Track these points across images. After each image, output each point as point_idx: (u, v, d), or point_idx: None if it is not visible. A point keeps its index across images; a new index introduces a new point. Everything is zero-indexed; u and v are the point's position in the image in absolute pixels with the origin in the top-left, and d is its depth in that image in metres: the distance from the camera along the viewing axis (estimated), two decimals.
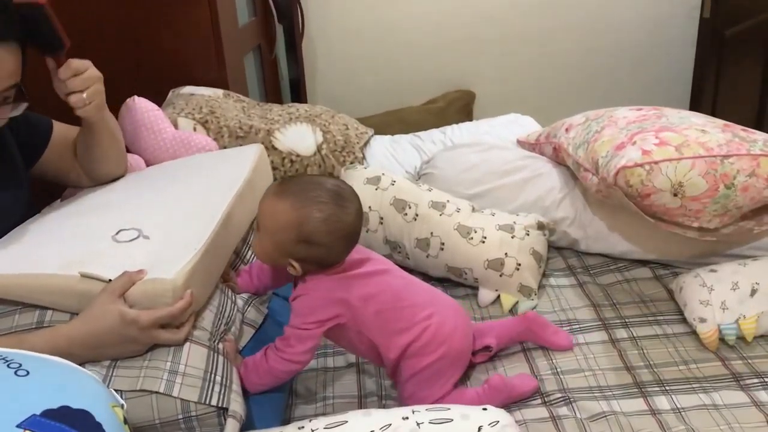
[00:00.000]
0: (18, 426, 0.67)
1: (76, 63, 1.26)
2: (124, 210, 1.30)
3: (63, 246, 1.16)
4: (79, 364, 0.99)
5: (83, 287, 1.06)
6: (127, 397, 0.98)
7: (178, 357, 1.04)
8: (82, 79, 1.27)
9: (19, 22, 1.16)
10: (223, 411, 1.02)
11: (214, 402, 1.01)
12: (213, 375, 1.05)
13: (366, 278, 1.21)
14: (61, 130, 1.47)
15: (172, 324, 1.06)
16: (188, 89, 2.10)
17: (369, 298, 1.20)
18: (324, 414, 1.29)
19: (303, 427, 1.04)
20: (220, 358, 1.10)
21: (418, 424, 1.03)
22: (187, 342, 1.07)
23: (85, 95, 1.28)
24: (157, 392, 0.98)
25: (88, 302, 1.05)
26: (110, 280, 1.06)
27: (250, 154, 1.49)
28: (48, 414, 0.70)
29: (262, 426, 1.11)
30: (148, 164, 1.80)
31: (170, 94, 2.12)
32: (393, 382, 1.32)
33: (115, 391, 0.97)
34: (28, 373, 0.74)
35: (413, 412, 1.06)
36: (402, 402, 1.28)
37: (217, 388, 1.03)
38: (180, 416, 0.99)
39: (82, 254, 1.12)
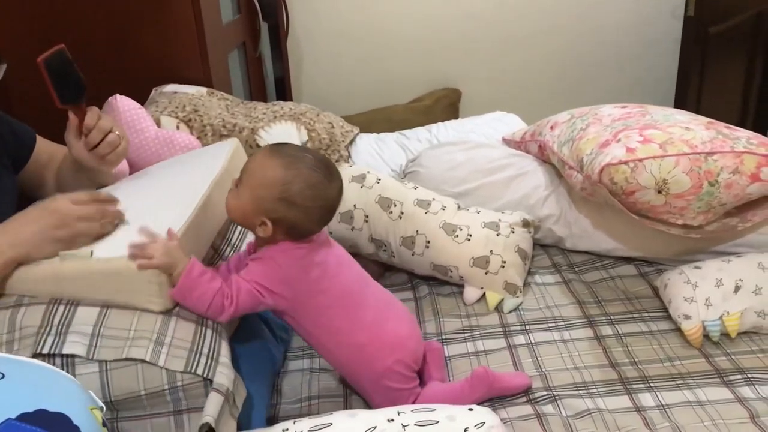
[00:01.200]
0: None
1: (95, 108, 1.24)
2: None
3: None
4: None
5: (64, 269, 1.05)
6: (112, 367, 0.97)
7: (165, 329, 1.03)
8: (108, 120, 1.26)
9: (50, 77, 1.15)
10: (208, 382, 1.01)
11: (199, 372, 0.99)
12: (200, 346, 1.04)
13: (325, 267, 1.20)
14: (43, 144, 1.44)
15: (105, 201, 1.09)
16: (171, 87, 2.09)
17: (323, 288, 1.19)
18: (309, 414, 1.28)
19: (287, 429, 1.03)
20: (209, 331, 1.08)
21: (403, 426, 1.02)
22: (175, 316, 1.07)
23: (118, 132, 1.26)
24: (142, 360, 0.97)
25: (66, 285, 1.04)
26: (92, 252, 1.06)
27: (226, 147, 1.49)
28: (24, 418, 0.69)
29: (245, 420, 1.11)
30: (130, 163, 1.78)
31: (153, 92, 2.11)
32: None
33: (100, 361, 0.97)
34: (3, 376, 0.73)
35: (399, 413, 1.05)
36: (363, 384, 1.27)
37: (203, 360, 1.02)
38: (166, 387, 0.98)
39: None
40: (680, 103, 2.96)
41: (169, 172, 1.44)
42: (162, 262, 1.04)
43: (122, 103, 1.81)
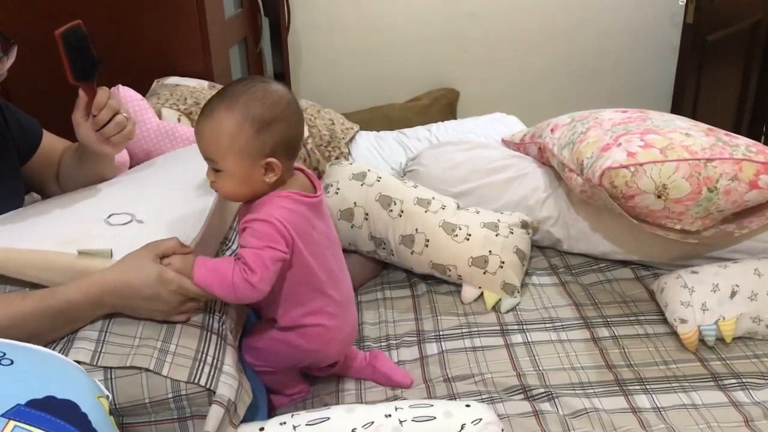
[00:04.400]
0: (2, 415, 0.66)
1: (105, 88, 1.22)
2: (114, 197, 1.29)
3: (57, 225, 1.15)
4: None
5: (81, 265, 1.05)
6: (117, 375, 0.97)
7: (169, 337, 1.04)
8: (117, 101, 1.24)
9: (66, 51, 1.13)
10: (211, 393, 1.01)
11: (202, 382, 1.00)
12: (204, 355, 1.04)
13: (317, 236, 1.16)
14: (48, 137, 1.42)
15: (195, 300, 1.08)
16: (173, 80, 2.08)
17: (309, 254, 1.14)
18: (304, 408, 1.28)
19: (285, 422, 1.04)
20: (213, 337, 1.08)
21: (401, 422, 1.03)
22: (180, 323, 1.07)
23: (125, 114, 1.25)
24: (146, 369, 0.98)
25: None
26: (111, 250, 1.06)
27: None
28: (33, 404, 0.69)
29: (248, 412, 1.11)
30: (131, 155, 1.78)
31: (154, 84, 2.10)
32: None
33: (104, 368, 0.97)
34: (12, 362, 0.73)
35: (396, 409, 1.06)
36: (244, 348, 1.24)
37: (207, 369, 1.02)
38: (170, 395, 0.98)
39: (77, 233, 1.11)
40: (677, 109, 2.98)
41: (178, 169, 1.43)
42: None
43: (124, 93, 1.81)
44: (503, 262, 1.59)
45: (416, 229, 1.63)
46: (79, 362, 0.95)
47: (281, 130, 1.08)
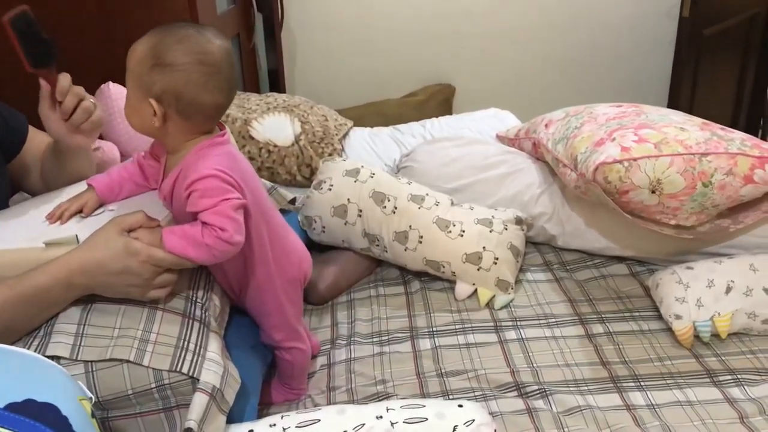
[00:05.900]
0: None
1: (67, 74, 1.19)
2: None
3: (25, 225, 1.14)
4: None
5: (49, 255, 1.02)
6: (98, 368, 0.96)
7: (149, 326, 1.02)
8: (80, 88, 1.20)
9: (18, 38, 1.10)
10: (195, 381, 0.99)
11: (184, 370, 0.98)
12: (186, 342, 1.02)
13: (245, 172, 1.12)
14: (35, 135, 1.40)
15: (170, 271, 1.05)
16: None
17: (250, 189, 1.11)
18: (296, 409, 1.27)
19: (275, 424, 1.03)
20: (196, 324, 1.07)
21: (392, 423, 1.02)
22: (160, 311, 1.05)
23: (92, 100, 1.22)
24: (127, 361, 0.96)
25: None
26: (76, 235, 1.04)
27: None
28: (12, 408, 0.68)
29: (238, 412, 1.10)
30: (123, 153, 1.77)
31: None
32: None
33: (84, 361, 0.95)
34: None
35: (387, 410, 1.05)
36: (264, 332, 1.25)
37: (189, 356, 1.00)
38: (153, 385, 0.97)
39: (46, 230, 1.10)
40: (673, 103, 2.97)
41: None
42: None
43: (114, 90, 1.80)
44: (497, 259, 1.58)
45: (410, 226, 1.61)
46: (58, 357, 0.95)
47: (173, 79, 1.02)
